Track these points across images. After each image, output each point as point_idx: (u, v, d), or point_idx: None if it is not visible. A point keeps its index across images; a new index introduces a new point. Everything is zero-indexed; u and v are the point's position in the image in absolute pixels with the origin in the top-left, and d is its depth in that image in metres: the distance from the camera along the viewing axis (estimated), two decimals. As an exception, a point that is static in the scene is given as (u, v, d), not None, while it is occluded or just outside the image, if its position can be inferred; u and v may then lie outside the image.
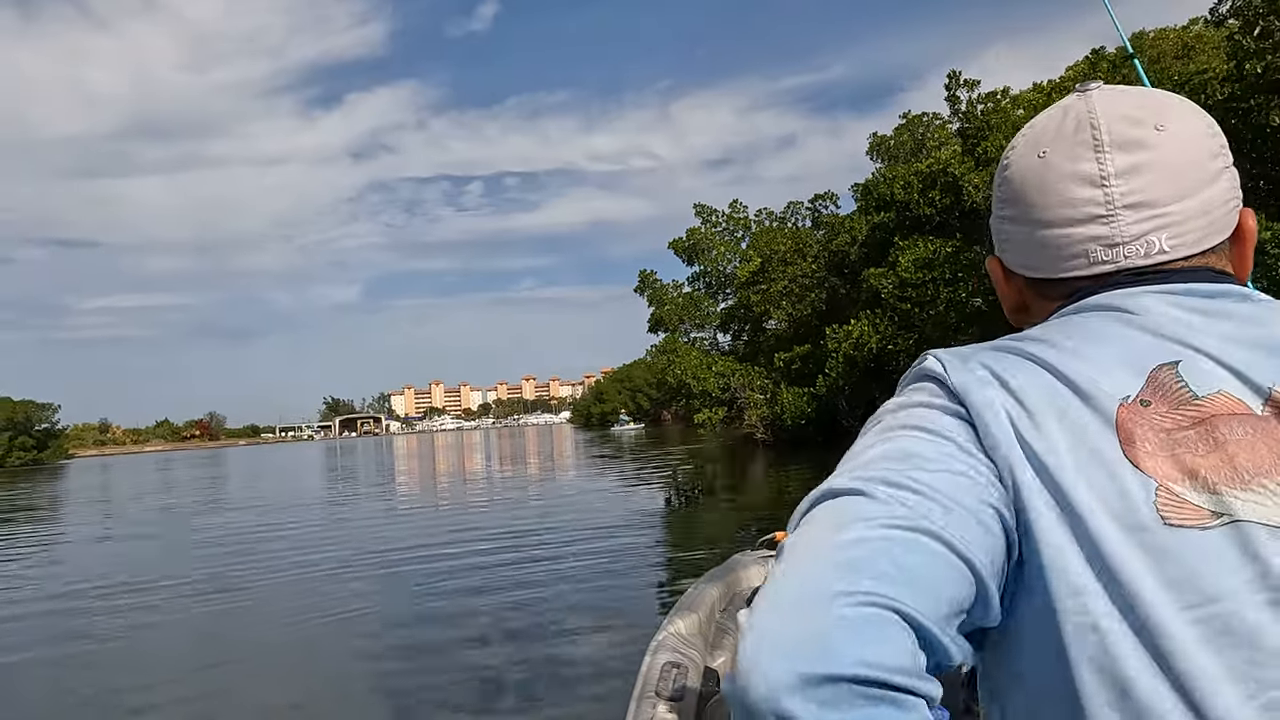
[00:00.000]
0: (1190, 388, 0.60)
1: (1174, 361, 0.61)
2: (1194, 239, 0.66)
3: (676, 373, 31.12)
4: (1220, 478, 0.56)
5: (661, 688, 2.22)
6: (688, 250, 38.61)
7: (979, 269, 18.12)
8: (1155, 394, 0.60)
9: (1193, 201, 0.66)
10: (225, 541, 12.99)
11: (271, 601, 8.24)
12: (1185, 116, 0.68)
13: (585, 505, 15.24)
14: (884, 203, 24.00)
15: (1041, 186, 0.69)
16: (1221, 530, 0.54)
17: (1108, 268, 0.67)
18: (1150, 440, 0.58)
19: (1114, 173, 0.66)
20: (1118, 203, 0.66)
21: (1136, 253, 0.66)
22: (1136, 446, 0.58)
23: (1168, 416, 0.59)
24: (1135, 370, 0.61)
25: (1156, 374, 0.61)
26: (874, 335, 21.51)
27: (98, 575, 10.30)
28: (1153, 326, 0.64)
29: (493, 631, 6.58)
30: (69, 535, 16.91)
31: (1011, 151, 0.73)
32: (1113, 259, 0.67)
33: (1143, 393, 0.60)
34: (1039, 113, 0.75)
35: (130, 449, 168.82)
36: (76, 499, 28.98)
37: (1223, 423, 0.58)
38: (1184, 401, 0.59)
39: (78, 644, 7.07)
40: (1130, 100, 0.69)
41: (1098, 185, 0.66)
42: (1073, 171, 0.67)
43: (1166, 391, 0.60)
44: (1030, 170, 0.70)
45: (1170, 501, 0.55)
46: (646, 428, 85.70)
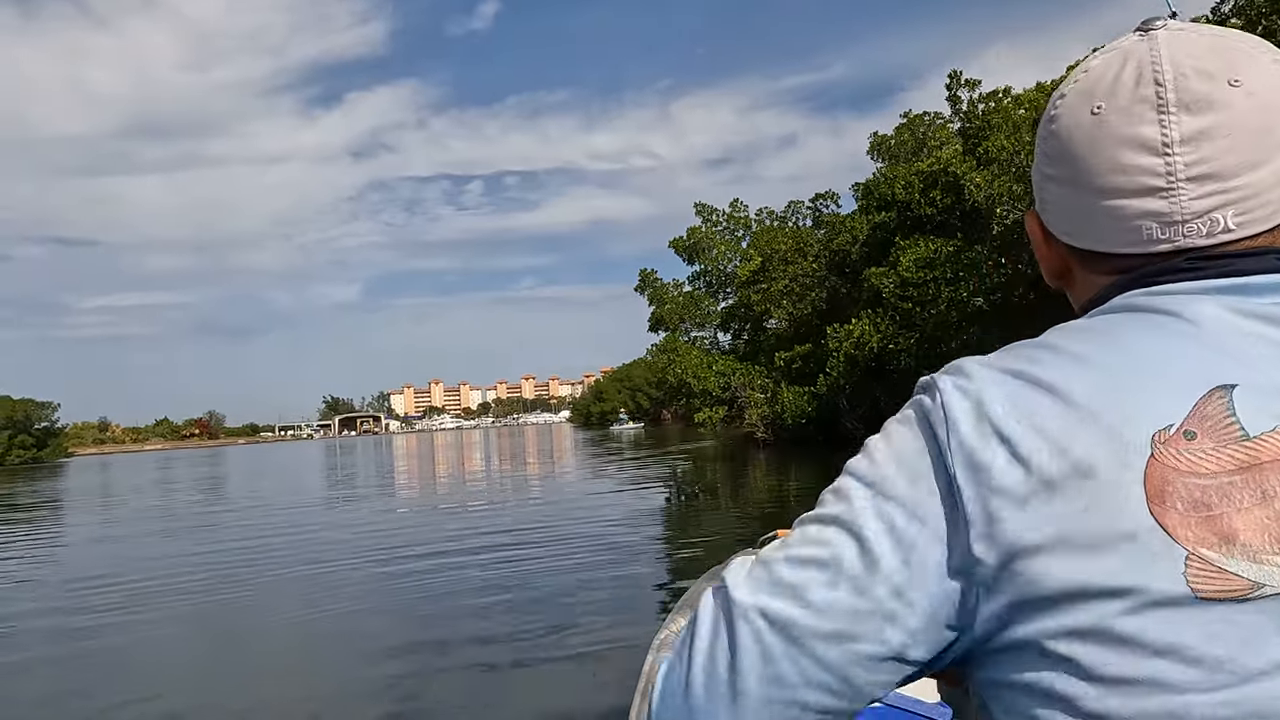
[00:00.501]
0: (1240, 423, 0.50)
1: (1227, 386, 0.52)
2: (1266, 214, 0.57)
3: (677, 372, 31.13)
4: (1264, 541, 0.48)
5: None
6: (688, 249, 38.63)
7: (980, 268, 18.13)
8: (1202, 425, 0.51)
9: (1266, 170, 0.56)
10: (224, 540, 12.99)
11: (271, 600, 8.24)
12: (1265, 66, 0.58)
13: (585, 504, 15.24)
14: (885, 202, 24.00)
15: (1092, 148, 0.60)
16: (1260, 603, 0.47)
17: (1164, 247, 0.58)
18: (1183, 496, 0.49)
19: (1179, 139, 0.56)
20: (1180, 175, 0.56)
21: (1198, 231, 0.57)
22: (1166, 504, 0.49)
23: (1211, 457, 0.50)
24: (1181, 395, 0.52)
25: (1206, 402, 0.51)
26: (875, 335, 21.52)
27: (96, 574, 10.29)
28: (1208, 340, 0.54)
29: (493, 629, 6.57)
30: (68, 533, 16.91)
31: (1060, 101, 0.63)
32: (1170, 238, 0.57)
33: (1189, 421, 0.51)
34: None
35: (130, 447, 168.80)
36: (76, 498, 28.98)
37: (1276, 470, 0.49)
38: (1232, 440, 0.50)
39: (76, 642, 7.06)
40: (1203, 45, 0.58)
41: (1159, 153, 0.57)
42: (1131, 135, 0.58)
43: (1214, 425, 0.51)
44: (1080, 127, 0.61)
45: (1202, 571, 0.48)
46: (646, 427, 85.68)
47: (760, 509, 13.24)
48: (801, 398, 25.40)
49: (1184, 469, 0.50)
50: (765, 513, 12.53)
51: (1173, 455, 0.50)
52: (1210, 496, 0.49)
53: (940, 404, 0.55)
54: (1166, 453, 0.50)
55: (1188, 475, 0.49)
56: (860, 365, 22.49)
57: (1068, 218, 0.64)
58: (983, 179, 16.94)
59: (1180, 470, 0.50)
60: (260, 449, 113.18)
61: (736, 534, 10.32)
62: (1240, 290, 0.56)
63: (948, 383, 0.57)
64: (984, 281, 17.97)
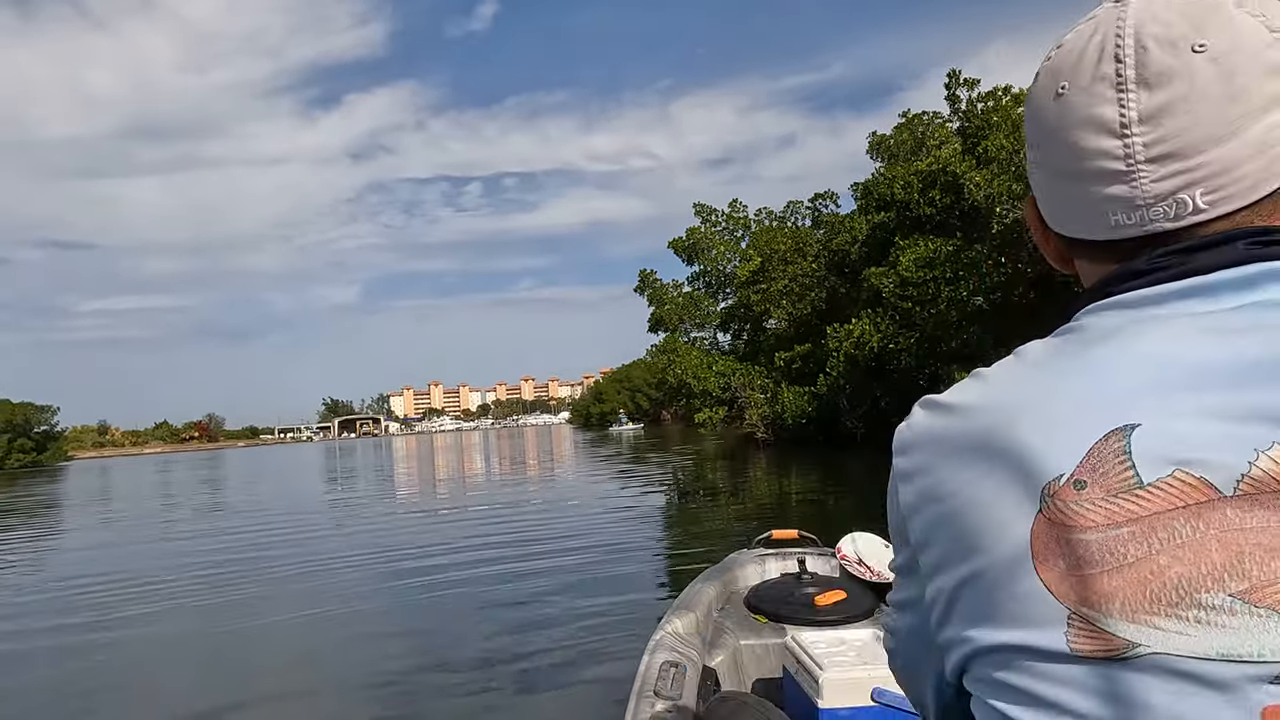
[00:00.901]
0: (1136, 469, 0.47)
1: (1127, 427, 0.48)
2: (1241, 189, 0.52)
3: (677, 372, 31.09)
4: (1142, 599, 0.46)
5: (660, 687, 2.21)
6: (688, 250, 38.60)
7: (980, 268, 18.11)
8: (1094, 473, 0.48)
9: (1237, 143, 0.52)
10: (223, 544, 12.95)
11: (270, 603, 8.20)
12: (1236, 21, 0.52)
13: (586, 505, 15.20)
14: (884, 202, 23.97)
15: (1057, 132, 0.57)
16: (1138, 662, 0.45)
17: (1131, 233, 0.55)
18: (1065, 553, 0.47)
19: (1137, 118, 0.53)
20: (1140, 156, 0.53)
21: (1164, 215, 0.53)
22: (1049, 562, 0.48)
23: (1097, 509, 0.47)
24: (1079, 439, 0.49)
25: (1100, 447, 0.48)
26: (875, 334, 21.49)
27: (93, 577, 10.25)
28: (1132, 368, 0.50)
29: (490, 629, 6.55)
30: (66, 537, 16.86)
31: (1035, 81, 0.60)
32: (1138, 222, 0.54)
33: (1080, 469, 0.48)
34: None
35: (129, 451, 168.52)
36: (75, 501, 28.92)
37: (1164, 522, 0.46)
38: (1123, 489, 0.47)
39: (73, 647, 7.02)
40: (1174, 7, 0.53)
41: (1117, 135, 0.54)
42: (1090, 117, 0.55)
43: (1106, 473, 0.48)
44: (1046, 109, 0.58)
45: (1082, 630, 0.47)
46: (646, 428, 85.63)
47: (761, 510, 13.21)
48: (801, 398, 25.37)
49: (1068, 523, 0.48)
50: (766, 513, 12.50)
51: (1059, 509, 0.48)
52: (1093, 552, 0.47)
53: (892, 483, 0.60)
54: (1054, 506, 0.48)
55: (1071, 530, 0.47)
56: (860, 365, 22.46)
57: (1047, 204, 0.62)
58: (982, 178, 16.92)
59: (1065, 525, 0.48)
60: (259, 452, 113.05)
61: (738, 532, 10.30)
62: (1198, 292, 0.52)
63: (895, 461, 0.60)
64: (984, 281, 17.95)
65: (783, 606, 2.92)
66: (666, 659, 2.38)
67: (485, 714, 4.83)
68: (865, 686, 2.08)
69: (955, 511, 0.53)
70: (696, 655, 2.50)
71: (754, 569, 3.39)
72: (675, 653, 2.44)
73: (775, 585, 3.16)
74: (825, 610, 2.85)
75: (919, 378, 20.39)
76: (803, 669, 2.25)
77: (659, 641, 2.54)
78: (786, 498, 14.82)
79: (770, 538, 3.62)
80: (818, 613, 2.84)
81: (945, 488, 0.54)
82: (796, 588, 3.07)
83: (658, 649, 2.48)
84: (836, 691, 2.12)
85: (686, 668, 2.34)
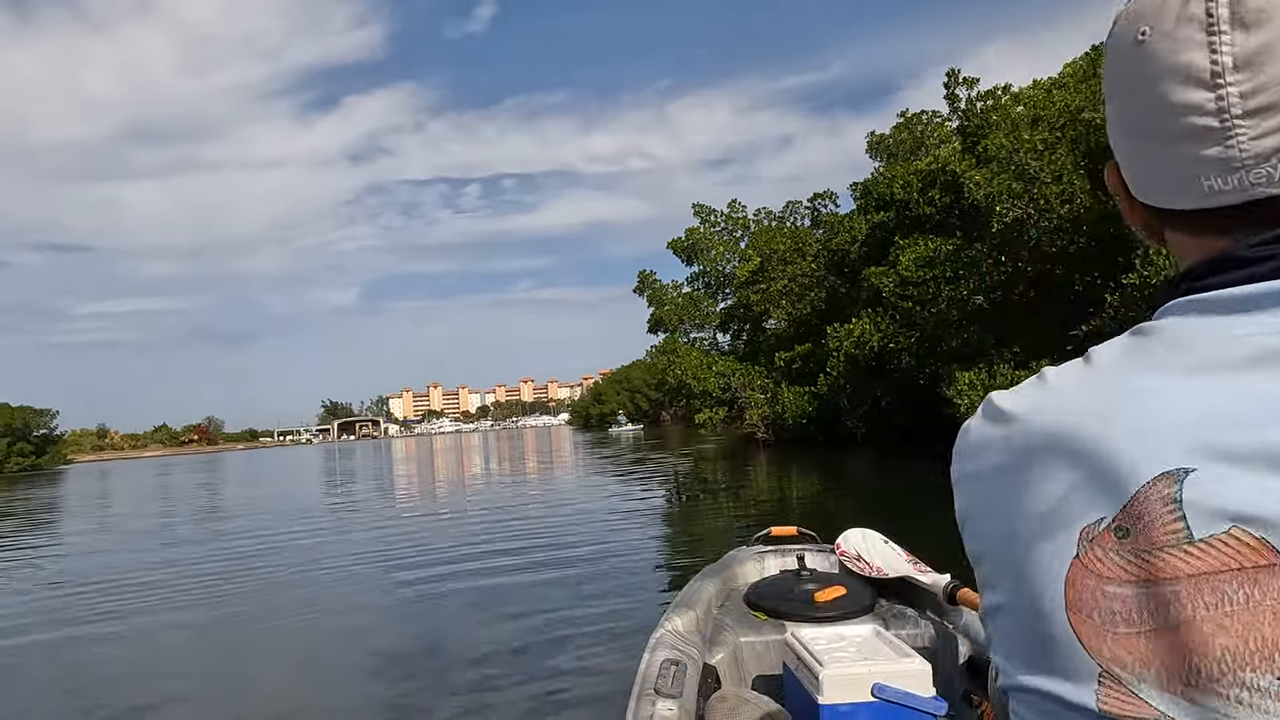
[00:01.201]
0: (1187, 522, 0.41)
1: (1180, 472, 0.41)
2: None
3: (677, 373, 31.10)
4: (1182, 669, 0.41)
5: (660, 685, 2.20)
6: (687, 250, 38.63)
7: (980, 266, 18.08)
8: (1137, 522, 0.42)
9: None
10: (222, 547, 12.92)
11: (271, 606, 8.17)
12: None
13: (585, 505, 15.17)
14: (884, 202, 23.97)
15: (1137, 83, 0.49)
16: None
17: (1229, 199, 0.47)
18: (1101, 606, 0.43)
19: (1231, 64, 0.45)
20: (1235, 110, 0.45)
21: (1266, 178, 0.45)
22: (1082, 613, 0.43)
23: (1139, 563, 0.42)
24: (1124, 480, 0.43)
25: (1148, 491, 0.42)
26: (875, 334, 21.48)
27: (92, 581, 10.22)
28: (1198, 395, 0.43)
29: (492, 628, 6.53)
30: (64, 540, 16.83)
31: (1113, 29, 0.52)
32: (1235, 187, 0.46)
33: (1123, 515, 0.43)
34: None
35: (129, 454, 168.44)
36: (74, 504, 28.88)
37: (1214, 584, 0.40)
38: (1171, 543, 0.42)
39: (72, 650, 7.00)
40: None
41: (1209, 86, 0.46)
42: (1174, 65, 0.47)
43: (1152, 522, 0.42)
44: (1125, 58, 0.50)
45: (1113, 692, 0.42)
46: (645, 428, 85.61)
47: (762, 509, 13.18)
48: (802, 398, 25.36)
49: (1106, 574, 0.43)
50: (767, 512, 12.48)
51: (1096, 557, 0.43)
52: (1130, 609, 0.42)
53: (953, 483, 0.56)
54: (1091, 553, 0.44)
55: (1109, 582, 0.43)
56: (861, 364, 22.45)
57: (1130, 168, 0.54)
58: (982, 177, 16.89)
59: (1102, 575, 0.43)
60: (259, 454, 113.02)
61: (739, 530, 10.27)
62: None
63: (953, 463, 0.56)
64: (984, 279, 17.92)
65: (782, 603, 2.91)
66: (667, 657, 2.37)
67: (486, 712, 4.81)
68: (865, 682, 2.08)
69: (999, 533, 0.49)
70: (697, 653, 2.49)
71: (753, 566, 3.38)
72: (676, 650, 2.43)
73: (775, 582, 3.15)
74: (825, 607, 2.84)
75: (919, 377, 20.36)
76: (803, 665, 2.25)
77: (659, 639, 2.54)
78: (788, 497, 14.80)
79: (770, 535, 3.61)
80: (817, 609, 2.83)
81: (992, 505, 0.50)
82: (796, 584, 3.06)
83: (658, 647, 2.48)
84: (837, 687, 2.12)
85: (687, 665, 2.34)
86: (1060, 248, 16.33)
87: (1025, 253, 16.88)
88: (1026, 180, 16.34)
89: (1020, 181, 16.39)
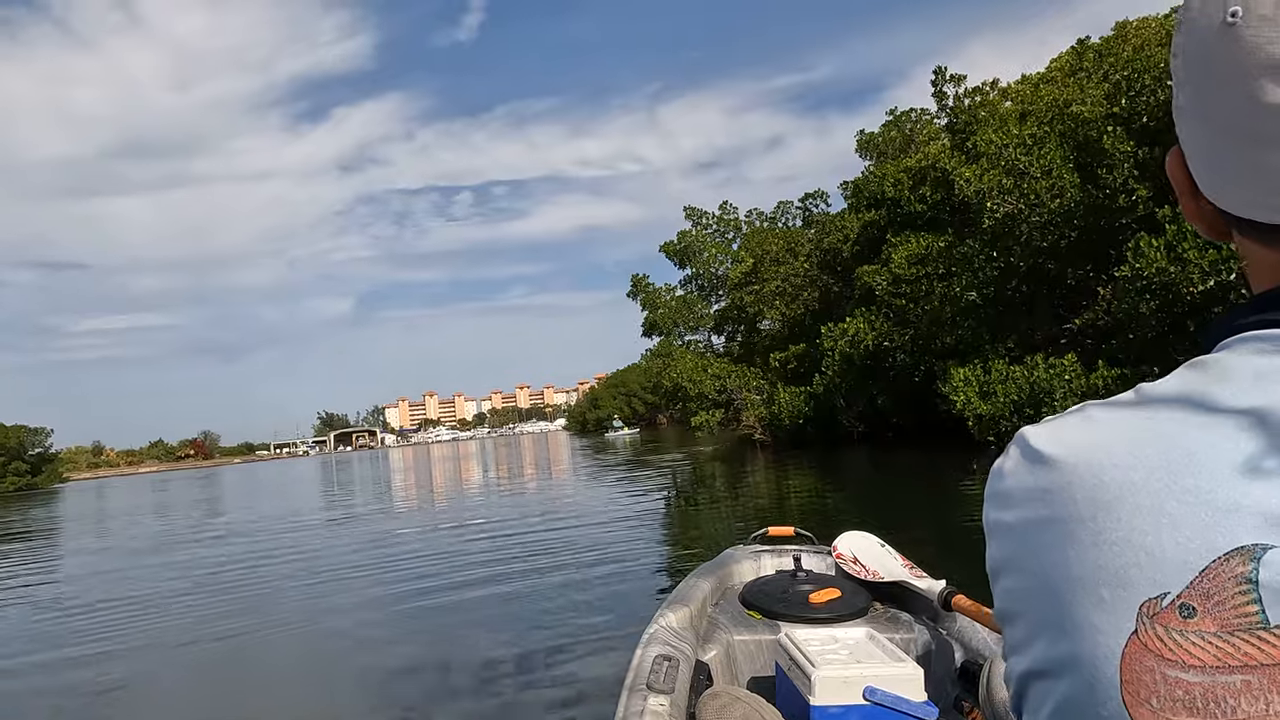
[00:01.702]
0: (1262, 605, 0.36)
1: (1257, 548, 0.36)
2: None
3: (673, 376, 31.11)
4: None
5: (653, 680, 2.20)
6: (679, 253, 38.64)
7: (972, 262, 18.10)
8: (1205, 600, 0.37)
9: None
10: (223, 559, 12.85)
11: (271, 619, 8.12)
12: None
13: (585, 509, 15.13)
14: (875, 200, 24.01)
15: (1221, 72, 0.42)
16: None
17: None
18: (1161, 691, 0.38)
19: None
20: None
21: None
22: (1140, 696, 0.38)
23: (1208, 646, 0.37)
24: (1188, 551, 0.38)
25: (1219, 568, 0.37)
26: (870, 332, 21.49)
27: (90, 601, 10.16)
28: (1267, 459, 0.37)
29: (486, 626, 6.59)
30: (61, 561, 16.74)
31: (1187, 3, 0.45)
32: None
33: (1189, 592, 0.38)
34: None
35: (125, 470, 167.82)
36: (70, 524, 28.73)
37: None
38: (1243, 627, 0.37)
39: (70, 671, 6.95)
40: None
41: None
42: (1271, 58, 0.39)
43: (1222, 602, 0.37)
44: (1207, 40, 0.42)
45: None
46: (642, 432, 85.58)
47: (759, 509, 13.16)
48: (798, 398, 25.35)
49: (1169, 656, 0.38)
50: (764, 512, 12.45)
51: (1158, 636, 0.38)
52: (1195, 697, 0.37)
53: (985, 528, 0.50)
54: (1152, 631, 0.38)
55: (1171, 665, 0.38)
56: (856, 363, 22.46)
57: (1201, 164, 0.47)
58: (972, 173, 16.91)
59: (1164, 657, 0.38)
60: (255, 468, 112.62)
61: (736, 529, 10.25)
62: None
63: (985, 508, 0.49)
64: (976, 275, 17.94)
65: (777, 603, 2.91)
66: (659, 653, 2.38)
67: (478, 706, 4.82)
68: (857, 685, 2.09)
69: (1040, 595, 0.43)
70: (689, 650, 2.49)
71: (749, 565, 3.39)
72: (668, 647, 2.43)
73: (770, 582, 3.15)
74: (819, 608, 2.84)
75: (914, 374, 20.37)
76: (795, 666, 2.26)
77: (652, 635, 2.54)
78: (786, 497, 14.77)
79: (767, 534, 3.62)
80: (812, 610, 2.83)
81: (1032, 564, 0.44)
82: (791, 585, 3.05)
83: (651, 643, 2.48)
84: (829, 689, 2.12)
85: (679, 662, 2.34)
86: (1051, 242, 16.36)
87: (1017, 247, 16.90)
88: (1016, 175, 16.37)
89: (1010, 177, 16.42)
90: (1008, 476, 0.47)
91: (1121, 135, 15.56)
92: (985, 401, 16.82)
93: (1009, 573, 0.46)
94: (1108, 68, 17.98)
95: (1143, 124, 15.52)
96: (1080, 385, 15.52)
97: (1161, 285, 13.37)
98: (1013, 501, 0.46)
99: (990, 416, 16.82)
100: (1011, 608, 0.46)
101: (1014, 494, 0.46)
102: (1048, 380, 15.91)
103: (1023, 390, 16.34)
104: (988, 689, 2.12)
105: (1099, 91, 17.28)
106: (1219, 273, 12.61)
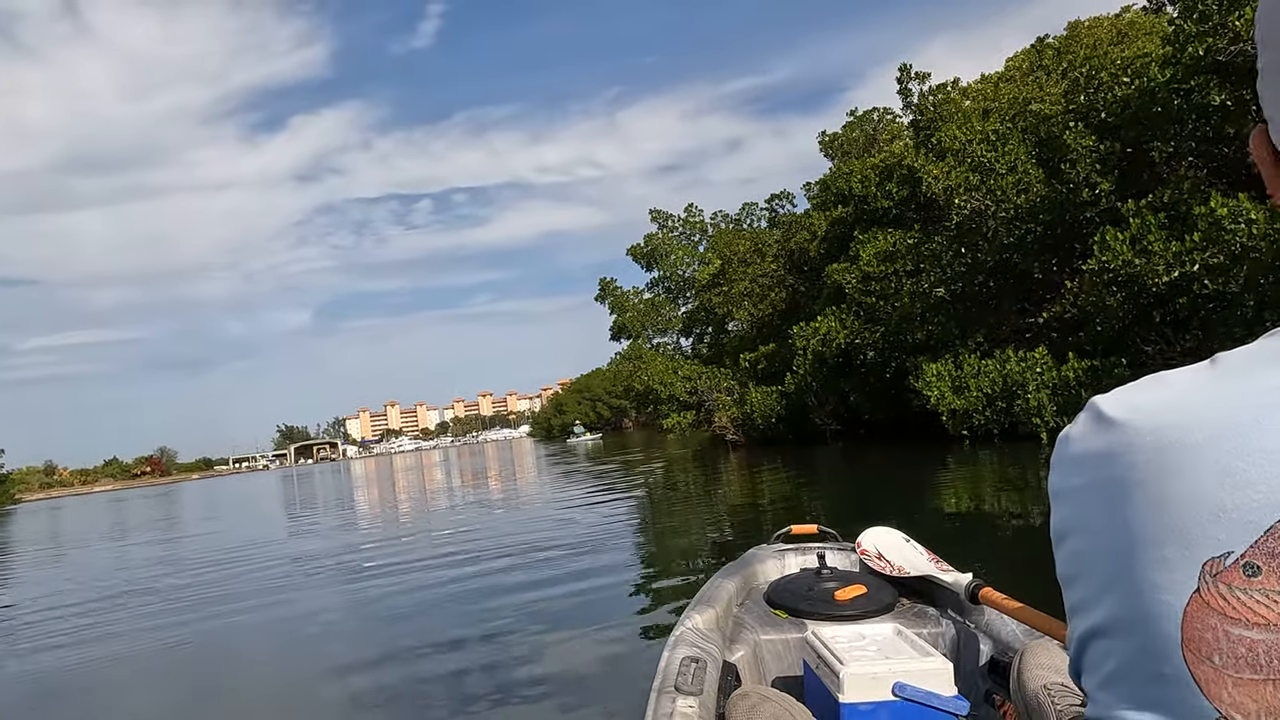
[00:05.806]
0: None
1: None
2: None
3: (644, 379, 31.10)
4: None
5: (681, 682, 2.19)
6: (646, 256, 38.70)
7: (940, 259, 18.29)
8: (1272, 559, 0.37)
9: None
10: (184, 579, 12.46)
11: (236, 639, 7.86)
12: None
13: (556, 517, 14.96)
14: (842, 196, 24.21)
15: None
16: None
17: None
18: (1224, 648, 0.38)
19: None
20: None
21: None
22: (1202, 653, 0.38)
23: (1273, 603, 0.37)
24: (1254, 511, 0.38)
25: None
26: (841, 330, 21.64)
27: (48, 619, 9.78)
28: None
29: (504, 631, 6.41)
30: (13, 583, 16.15)
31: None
32: None
33: (1253, 551, 0.38)
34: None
35: (78, 490, 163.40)
36: (24, 545, 27.82)
37: None
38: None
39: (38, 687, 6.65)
40: None
41: None
42: None
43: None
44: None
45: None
46: (606, 436, 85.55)
47: (736, 511, 13.11)
48: (770, 397, 25.44)
49: (1231, 614, 0.38)
50: (741, 514, 12.40)
51: (1221, 594, 0.39)
52: (1259, 655, 0.37)
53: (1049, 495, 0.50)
54: (1215, 589, 0.39)
55: (1234, 623, 0.38)
56: (828, 362, 22.59)
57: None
58: (939, 170, 17.11)
59: (1227, 615, 0.38)
60: (214, 483, 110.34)
61: (727, 536, 10.16)
62: None
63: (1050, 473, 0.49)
64: (944, 271, 18.13)
65: (802, 601, 2.90)
66: (687, 654, 2.37)
67: (506, 710, 4.76)
68: (886, 681, 2.09)
69: (1102, 556, 0.43)
70: (717, 650, 2.48)
71: (773, 564, 3.39)
72: (695, 648, 2.42)
73: (795, 580, 3.13)
74: (845, 605, 2.84)
75: (886, 371, 20.53)
76: (823, 664, 2.25)
77: (679, 637, 2.53)
78: (760, 497, 14.73)
79: (790, 533, 3.62)
80: (838, 607, 2.82)
81: (1096, 525, 0.44)
82: (816, 583, 3.03)
83: (678, 644, 2.47)
84: (858, 686, 2.11)
85: (707, 663, 2.33)
86: (1018, 237, 16.58)
87: (984, 243, 17.11)
88: (983, 172, 16.57)
89: (976, 174, 16.62)
90: (1074, 442, 0.47)
91: (1082, 131, 15.83)
92: (959, 396, 16.99)
93: (1073, 534, 0.46)
94: (1066, 65, 18.31)
95: (1101, 119, 15.80)
96: (1052, 378, 15.73)
97: (1127, 277, 13.60)
98: (1078, 466, 0.46)
99: (964, 410, 17.00)
100: (1074, 569, 0.46)
101: (1080, 458, 0.46)
102: (1020, 373, 16.12)
103: (995, 384, 16.54)
104: (1018, 681, 2.08)
105: (1058, 89, 17.59)
106: (1183, 264, 12.85)
